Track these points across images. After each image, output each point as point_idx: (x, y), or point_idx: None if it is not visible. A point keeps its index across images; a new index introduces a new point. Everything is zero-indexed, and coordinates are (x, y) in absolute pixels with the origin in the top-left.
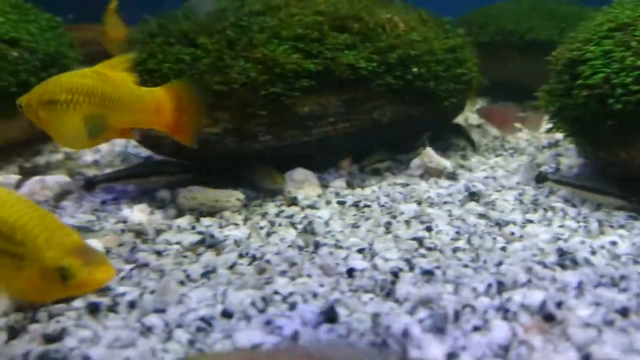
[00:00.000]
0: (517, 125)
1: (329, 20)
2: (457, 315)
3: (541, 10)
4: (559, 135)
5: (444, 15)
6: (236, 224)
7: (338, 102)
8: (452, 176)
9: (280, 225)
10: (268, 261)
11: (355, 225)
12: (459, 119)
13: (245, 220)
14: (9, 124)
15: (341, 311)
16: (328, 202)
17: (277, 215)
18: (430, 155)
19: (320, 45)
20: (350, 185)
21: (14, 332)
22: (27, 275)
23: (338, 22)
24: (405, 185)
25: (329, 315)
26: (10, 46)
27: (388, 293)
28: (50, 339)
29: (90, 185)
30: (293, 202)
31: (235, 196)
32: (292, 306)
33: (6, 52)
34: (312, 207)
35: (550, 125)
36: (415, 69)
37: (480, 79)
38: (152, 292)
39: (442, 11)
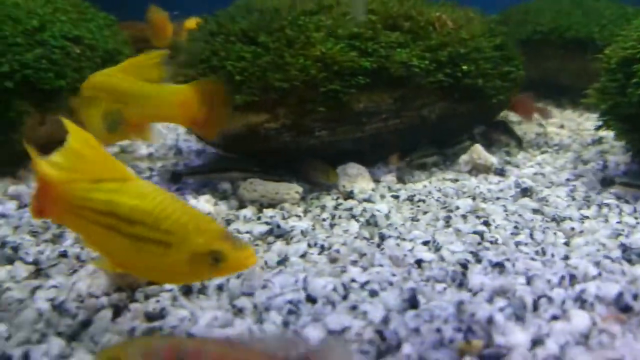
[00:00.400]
0: (536, 115)
1: (381, 19)
2: (535, 305)
3: (580, 8)
4: (602, 133)
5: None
6: (298, 216)
7: (390, 99)
8: (501, 172)
9: (340, 217)
10: (337, 251)
11: (414, 219)
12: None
13: (305, 212)
14: (72, 118)
15: (420, 299)
16: (382, 196)
17: (336, 207)
18: (478, 152)
19: (375, 44)
20: (400, 180)
21: (117, 310)
22: (172, 260)
23: (390, 20)
24: (455, 180)
25: (412, 303)
26: (73, 44)
27: (460, 283)
28: (151, 317)
29: (176, 177)
30: (349, 195)
31: (294, 189)
32: (373, 293)
33: (70, 49)
34: (368, 200)
35: (599, 123)
36: (465, 67)
37: (524, 77)
38: (238, 276)
39: (479, 8)
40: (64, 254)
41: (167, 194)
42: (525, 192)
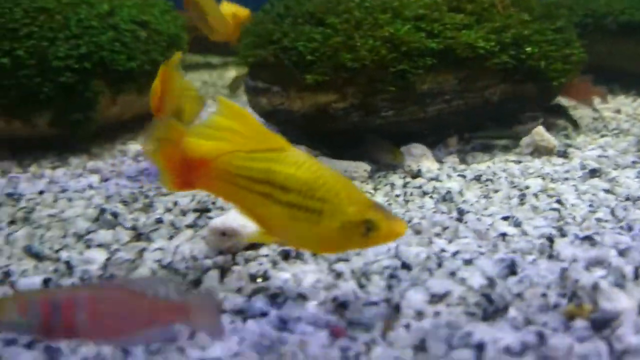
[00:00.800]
0: (596, 98)
1: (445, 1)
2: (636, 274)
3: None
4: None
5: None
6: (370, 192)
7: (454, 80)
8: (563, 154)
9: (412, 194)
10: (419, 224)
11: (487, 197)
12: None
13: (375, 189)
14: (143, 99)
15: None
16: (449, 176)
17: (405, 185)
18: (541, 134)
19: (440, 25)
20: (463, 161)
21: (223, 272)
22: (324, 229)
23: (454, 2)
24: (518, 162)
25: (511, 270)
26: (141, 27)
27: (550, 255)
28: (256, 278)
29: None
30: (417, 174)
31: (362, 167)
32: (468, 262)
33: (139, 33)
34: (435, 179)
35: None
36: (529, 49)
37: (586, 60)
38: None
39: None
40: (160, 221)
41: (321, 164)
42: (594, 173)
